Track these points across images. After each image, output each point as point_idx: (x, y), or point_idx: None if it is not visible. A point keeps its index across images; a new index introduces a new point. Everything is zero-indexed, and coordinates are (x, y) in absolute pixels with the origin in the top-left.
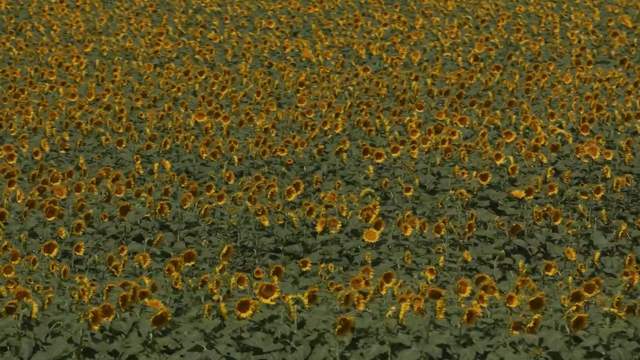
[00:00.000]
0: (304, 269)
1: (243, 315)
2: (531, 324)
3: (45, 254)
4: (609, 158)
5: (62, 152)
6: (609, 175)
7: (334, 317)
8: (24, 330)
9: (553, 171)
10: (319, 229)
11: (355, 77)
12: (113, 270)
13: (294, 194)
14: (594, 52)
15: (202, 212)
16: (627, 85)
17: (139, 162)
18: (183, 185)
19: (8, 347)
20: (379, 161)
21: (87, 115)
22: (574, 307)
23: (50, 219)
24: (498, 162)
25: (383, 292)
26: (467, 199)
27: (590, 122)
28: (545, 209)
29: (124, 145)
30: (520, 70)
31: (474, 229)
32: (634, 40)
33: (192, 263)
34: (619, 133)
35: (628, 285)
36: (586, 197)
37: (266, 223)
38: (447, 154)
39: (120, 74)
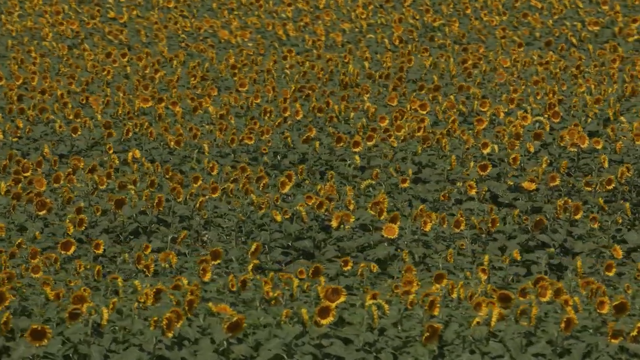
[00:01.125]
0: (345, 268)
1: (324, 322)
2: (635, 332)
3: (62, 252)
4: (599, 147)
5: (14, 139)
6: (606, 165)
7: (417, 324)
8: (93, 337)
9: (548, 161)
10: (334, 224)
11: (284, 59)
12: (144, 270)
13: (288, 185)
14: (518, 33)
15: (197, 205)
16: (569, 69)
17: (111, 151)
18: (167, 177)
19: (71, 355)
20: (356, 150)
21: (27, 100)
22: None
23: (41, 213)
24: (485, 151)
25: (454, 295)
26: (484, 191)
27: (552, 107)
28: (563, 201)
29: (79, 133)
30: (451, 52)
31: (498, 224)
32: (548, 22)
33: (219, 261)
34: (590, 120)
35: None
36: (590, 189)
37: (279, 218)
38: (427, 143)
39: (38, 56)
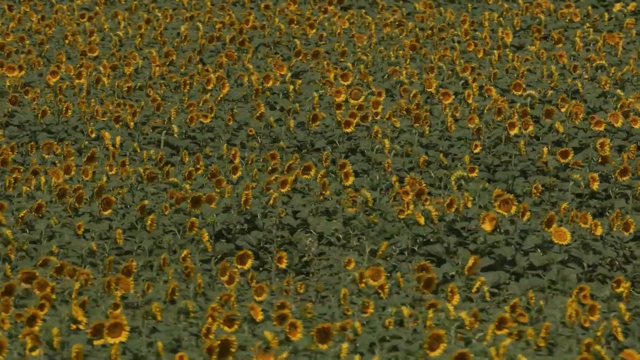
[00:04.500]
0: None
1: None
2: None
3: (239, 266)
4: (637, 126)
5: None
6: None
7: None
8: None
9: (610, 143)
10: (487, 227)
11: (90, 20)
12: (379, 291)
13: (351, 177)
14: None
15: (271, 201)
16: (426, 31)
17: (94, 135)
18: (198, 166)
19: None
20: (348, 130)
21: None
22: None
23: (106, 213)
24: (512, 133)
25: None
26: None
27: (495, 78)
28: None
29: None
30: (254, 10)
31: None
32: None
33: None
34: (550, 92)
35: None
36: None
37: (422, 220)
38: (418, 122)
39: None
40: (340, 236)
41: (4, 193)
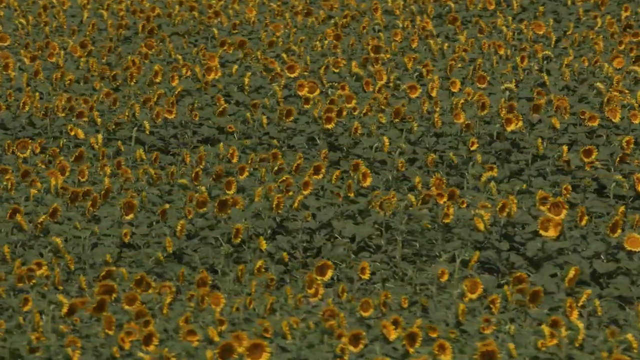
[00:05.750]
0: None
1: None
2: None
3: (319, 278)
4: (637, 121)
5: None
6: None
7: None
8: None
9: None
10: (551, 233)
11: None
12: (491, 305)
13: (369, 177)
14: None
15: (295, 204)
16: (341, 20)
17: (73, 133)
18: (201, 167)
19: None
20: (329, 127)
21: None
22: None
23: (128, 217)
24: (509, 129)
25: None
26: None
27: (451, 70)
28: None
29: None
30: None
31: None
32: None
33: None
34: (513, 84)
35: None
36: None
37: (481, 226)
38: (399, 117)
39: None
40: (383, 242)
41: (3, 195)
